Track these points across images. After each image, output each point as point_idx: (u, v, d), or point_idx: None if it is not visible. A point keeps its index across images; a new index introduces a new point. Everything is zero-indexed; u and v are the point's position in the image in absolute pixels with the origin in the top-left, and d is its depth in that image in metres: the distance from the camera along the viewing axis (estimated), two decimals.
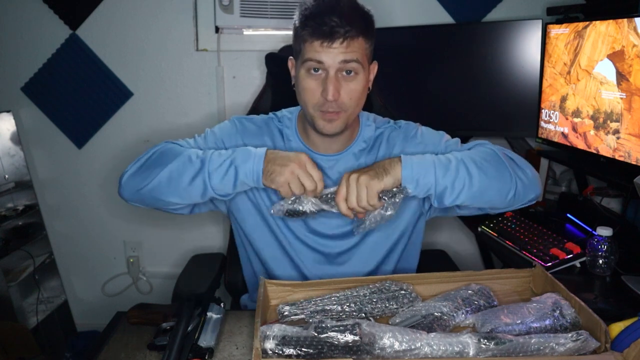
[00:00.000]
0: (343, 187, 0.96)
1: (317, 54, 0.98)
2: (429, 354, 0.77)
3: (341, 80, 1.01)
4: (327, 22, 0.96)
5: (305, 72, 1.02)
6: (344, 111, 1.03)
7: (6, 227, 1.91)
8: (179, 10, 1.93)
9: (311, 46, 0.99)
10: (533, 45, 1.75)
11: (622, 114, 1.42)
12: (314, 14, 0.98)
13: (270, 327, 0.80)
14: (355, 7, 1.02)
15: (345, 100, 1.02)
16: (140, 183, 1.03)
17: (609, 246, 1.25)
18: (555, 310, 0.87)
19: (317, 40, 0.97)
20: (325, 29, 0.96)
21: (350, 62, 0.99)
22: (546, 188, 1.89)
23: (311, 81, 1.01)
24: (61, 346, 2.08)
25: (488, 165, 1.02)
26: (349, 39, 0.97)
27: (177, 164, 1.02)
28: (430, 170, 0.98)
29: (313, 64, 1.00)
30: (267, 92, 1.56)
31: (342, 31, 0.96)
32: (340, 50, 0.98)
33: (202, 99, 2.02)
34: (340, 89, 1.00)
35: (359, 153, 1.13)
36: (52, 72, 1.98)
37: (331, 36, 0.96)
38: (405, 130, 1.17)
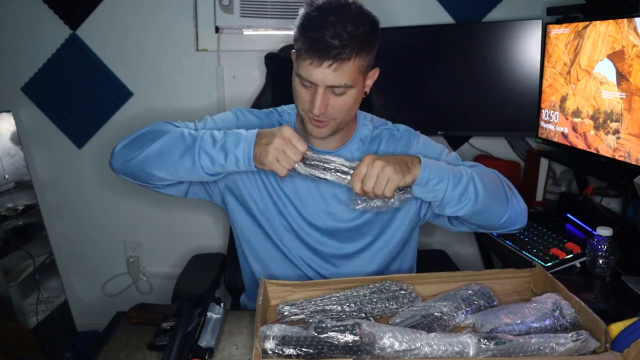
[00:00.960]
0: (364, 168, 0.95)
1: (307, 73, 0.97)
2: (429, 354, 0.77)
3: (330, 95, 1.00)
4: (321, 39, 0.94)
5: (298, 81, 1.01)
6: (333, 119, 1.03)
7: (6, 227, 1.91)
8: (179, 10, 1.93)
9: (303, 62, 0.98)
10: (533, 45, 1.75)
11: (622, 114, 1.42)
12: (313, 25, 0.95)
13: (270, 327, 0.80)
14: (359, 20, 0.97)
15: (333, 112, 1.02)
16: (131, 154, 1.05)
17: (609, 246, 1.25)
18: (555, 310, 0.87)
19: (309, 58, 0.96)
20: (317, 47, 0.94)
21: (337, 87, 0.98)
22: (546, 188, 1.89)
23: (302, 89, 1.02)
24: (61, 346, 2.08)
25: (493, 187, 1.05)
26: (339, 62, 0.95)
27: (170, 139, 1.02)
28: (444, 178, 0.99)
29: (305, 82, 0.99)
30: (267, 92, 1.56)
31: (333, 53, 0.94)
32: (328, 72, 0.96)
33: (202, 99, 2.02)
34: (329, 102, 1.00)
35: (357, 151, 1.14)
36: (52, 72, 1.98)
37: (321, 57, 0.94)
38: (406, 135, 1.17)
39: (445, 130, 1.94)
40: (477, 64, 1.84)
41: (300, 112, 1.06)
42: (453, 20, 1.95)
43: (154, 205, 2.12)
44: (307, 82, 0.99)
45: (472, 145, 2.07)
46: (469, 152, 2.08)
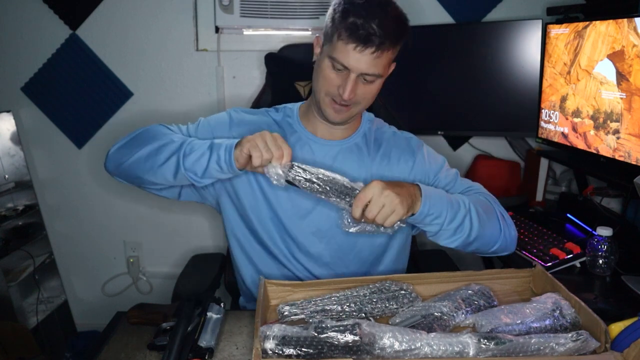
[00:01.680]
0: (370, 194, 0.94)
1: (346, 58, 0.99)
2: (429, 354, 0.77)
3: (360, 82, 1.03)
4: (366, 26, 0.96)
5: (329, 64, 1.03)
6: (355, 106, 1.06)
7: (6, 227, 1.91)
8: (179, 10, 1.93)
9: (344, 46, 0.99)
10: (533, 45, 1.75)
11: (622, 114, 1.42)
12: (358, 12, 0.98)
13: (270, 327, 0.80)
14: (398, 17, 1.03)
15: (359, 99, 1.05)
16: (123, 157, 1.06)
17: (609, 246, 1.25)
18: (555, 310, 0.87)
19: (352, 43, 0.98)
20: (362, 33, 0.96)
21: (370, 75, 1.01)
22: (546, 188, 1.89)
23: (332, 73, 1.03)
24: (61, 346, 2.08)
25: (487, 221, 1.07)
26: (380, 51, 0.98)
27: (159, 143, 1.03)
28: (442, 213, 1.01)
29: (338, 65, 1.01)
30: (267, 92, 1.56)
31: (377, 41, 0.97)
32: (368, 59, 0.99)
33: (202, 99, 2.02)
34: (357, 89, 1.03)
35: (361, 145, 1.15)
36: (52, 72, 1.98)
37: (365, 43, 0.97)
38: (409, 142, 1.19)
39: (445, 130, 1.94)
40: (477, 64, 1.84)
41: (321, 95, 1.06)
42: (453, 20, 1.95)
43: (154, 205, 2.12)
44: (341, 66, 1.01)
45: (472, 145, 2.07)
46: (469, 152, 2.08)
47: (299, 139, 1.15)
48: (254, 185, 1.13)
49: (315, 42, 1.09)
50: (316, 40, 1.09)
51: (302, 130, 1.16)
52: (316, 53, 1.09)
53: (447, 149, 2.08)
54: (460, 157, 2.08)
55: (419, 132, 1.24)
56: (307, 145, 1.14)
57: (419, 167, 1.16)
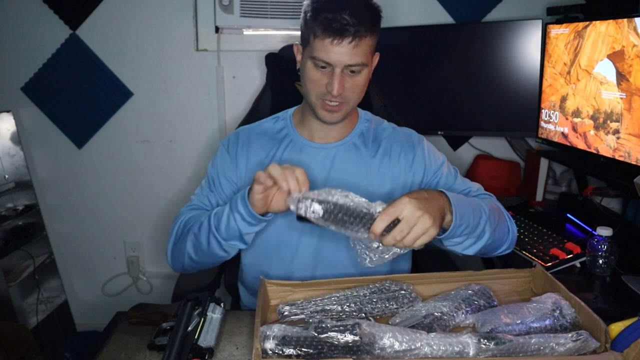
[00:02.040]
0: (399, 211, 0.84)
1: (326, 54, 0.99)
2: (429, 354, 0.77)
3: (346, 75, 1.02)
4: (339, 18, 0.96)
5: (312, 64, 1.03)
6: (346, 103, 1.06)
7: (6, 227, 1.91)
8: (179, 10, 1.93)
9: (321, 43, 0.99)
10: (533, 45, 1.75)
11: (622, 114, 1.42)
12: (327, 7, 0.98)
13: (270, 327, 0.80)
14: (367, 4, 1.02)
15: (349, 93, 1.04)
16: (180, 261, 1.11)
17: (609, 246, 1.25)
18: (555, 310, 0.87)
19: (328, 37, 0.98)
20: (335, 26, 0.96)
21: (354, 66, 1.01)
22: (546, 188, 1.89)
23: (317, 73, 1.03)
24: (61, 346, 2.08)
25: (499, 225, 1.06)
26: (357, 39, 0.98)
27: (194, 233, 1.06)
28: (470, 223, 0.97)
29: (320, 63, 1.01)
30: (267, 92, 1.56)
31: (352, 30, 0.97)
32: (347, 50, 0.98)
33: (202, 99, 2.02)
34: (345, 83, 1.02)
35: (359, 144, 1.15)
36: (52, 72, 1.98)
37: (341, 34, 0.97)
38: (409, 137, 1.18)
39: (445, 130, 1.94)
40: (477, 64, 1.84)
41: (312, 99, 1.06)
42: (453, 20, 1.95)
43: (154, 205, 2.12)
44: (324, 64, 1.00)
45: (472, 145, 2.07)
46: (469, 152, 2.08)
47: (294, 146, 1.15)
48: None
49: (296, 49, 1.09)
50: (296, 48, 1.09)
51: (297, 137, 1.15)
52: (298, 60, 1.09)
53: (447, 149, 2.08)
54: (460, 157, 2.08)
55: (419, 132, 1.23)
56: (303, 151, 1.14)
57: (419, 161, 1.15)
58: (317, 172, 1.13)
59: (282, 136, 1.16)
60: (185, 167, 2.09)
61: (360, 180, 1.13)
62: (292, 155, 1.14)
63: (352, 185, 1.12)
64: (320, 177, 1.13)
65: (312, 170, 1.12)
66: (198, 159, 2.07)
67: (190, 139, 2.06)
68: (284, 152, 1.15)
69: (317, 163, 1.13)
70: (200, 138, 2.06)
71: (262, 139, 1.17)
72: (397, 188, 1.15)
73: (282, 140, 1.16)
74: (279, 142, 1.16)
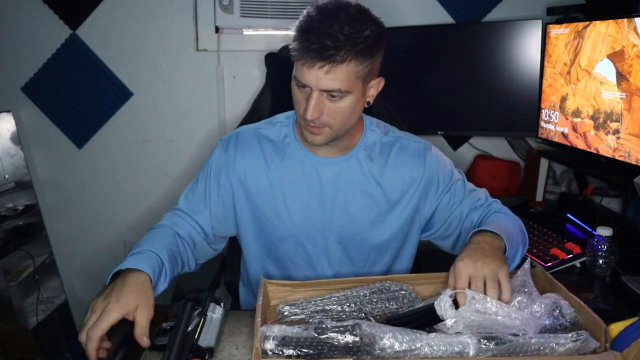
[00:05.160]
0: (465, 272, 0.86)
1: (301, 75, 0.95)
2: (429, 354, 0.77)
3: (325, 99, 0.97)
4: (315, 41, 0.90)
5: (294, 83, 1.00)
6: (329, 127, 1.00)
7: (6, 227, 1.91)
8: (179, 10, 1.93)
9: (297, 63, 0.96)
10: (533, 45, 1.75)
11: (622, 114, 1.42)
12: (308, 27, 0.92)
13: (270, 327, 0.80)
14: (357, 23, 0.92)
15: (328, 119, 0.99)
16: None
17: (609, 246, 1.25)
18: (555, 310, 0.87)
19: (301, 59, 0.94)
20: (312, 48, 0.91)
21: (331, 91, 0.95)
22: (546, 188, 1.89)
23: (299, 93, 0.99)
24: (61, 346, 2.08)
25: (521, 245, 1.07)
26: (331, 64, 0.91)
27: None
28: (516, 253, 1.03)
29: (300, 83, 0.97)
30: (267, 92, 1.56)
31: (325, 54, 0.90)
32: (320, 75, 0.93)
33: (202, 99, 2.02)
34: (323, 108, 0.97)
35: (364, 158, 1.11)
36: (52, 72, 1.98)
37: (313, 58, 0.91)
38: (416, 147, 1.15)
39: (445, 130, 1.94)
40: (477, 64, 1.84)
41: (298, 118, 1.04)
42: (453, 20, 1.95)
43: (154, 205, 2.12)
44: (302, 85, 0.97)
45: (472, 145, 2.07)
46: (469, 152, 2.08)
47: (296, 157, 1.11)
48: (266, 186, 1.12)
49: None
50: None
51: (299, 149, 1.11)
52: None
53: (447, 149, 2.08)
54: (460, 157, 2.08)
55: (419, 132, 1.23)
56: (306, 165, 1.10)
57: (429, 172, 1.13)
58: (320, 186, 1.10)
59: (285, 145, 1.12)
60: (185, 167, 2.09)
61: (367, 194, 1.11)
62: (294, 167, 1.10)
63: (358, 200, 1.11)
64: (324, 192, 1.10)
65: (314, 184, 1.10)
66: (198, 159, 2.07)
67: (190, 139, 2.06)
68: (286, 163, 1.10)
69: (321, 176, 1.10)
70: (200, 138, 2.06)
71: (264, 146, 1.12)
72: (406, 200, 1.13)
73: (284, 150, 1.11)
74: (282, 151, 1.11)
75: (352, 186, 1.10)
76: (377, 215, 1.12)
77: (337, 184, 1.10)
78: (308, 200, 1.10)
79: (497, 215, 1.11)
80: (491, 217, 1.11)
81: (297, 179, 1.10)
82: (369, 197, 1.11)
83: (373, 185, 1.11)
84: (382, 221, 1.12)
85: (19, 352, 1.74)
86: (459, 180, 1.17)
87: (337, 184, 1.10)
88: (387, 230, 1.13)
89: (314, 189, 1.10)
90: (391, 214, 1.13)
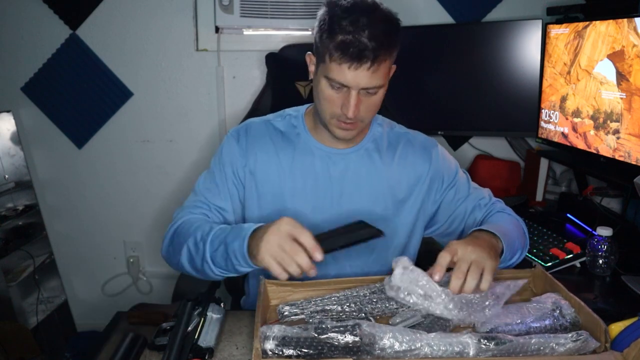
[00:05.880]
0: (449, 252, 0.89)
1: (343, 77, 0.95)
2: (429, 354, 0.77)
3: (362, 96, 0.99)
4: (356, 42, 0.91)
5: (327, 83, 0.99)
6: (361, 122, 1.04)
7: (6, 227, 1.91)
8: (179, 10, 1.93)
9: (338, 67, 0.95)
10: (533, 45, 1.75)
11: (622, 114, 1.42)
12: (345, 27, 0.93)
13: (270, 327, 0.80)
14: (387, 20, 0.96)
15: (364, 113, 1.02)
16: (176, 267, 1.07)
17: (609, 246, 1.25)
18: (555, 310, 0.87)
19: (345, 62, 0.94)
20: (353, 51, 0.92)
21: (371, 88, 0.98)
22: (546, 188, 1.89)
23: (332, 93, 0.99)
24: (61, 346, 2.08)
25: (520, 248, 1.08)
26: (376, 64, 0.94)
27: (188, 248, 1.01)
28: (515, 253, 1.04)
29: (336, 84, 0.97)
30: (267, 92, 1.56)
31: (371, 56, 0.92)
32: (366, 74, 0.95)
33: (202, 99, 2.02)
34: (361, 105, 0.99)
35: (373, 150, 1.13)
36: (52, 72, 1.98)
37: (359, 60, 0.93)
38: (423, 143, 1.17)
39: (445, 130, 1.94)
40: (477, 64, 1.84)
41: (326, 117, 1.03)
42: (453, 20, 1.95)
43: (154, 205, 2.12)
44: (339, 85, 0.97)
45: (472, 145, 2.07)
46: (469, 152, 2.08)
47: (306, 148, 1.11)
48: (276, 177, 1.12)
49: (308, 60, 1.06)
50: (309, 58, 1.05)
51: (309, 140, 1.12)
52: (311, 71, 1.06)
53: (447, 149, 2.08)
54: (460, 157, 2.08)
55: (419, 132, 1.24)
56: (316, 156, 1.11)
57: (435, 168, 1.15)
58: (329, 177, 1.11)
59: (295, 137, 1.13)
60: (185, 167, 2.09)
61: (375, 187, 1.11)
62: (304, 158, 1.11)
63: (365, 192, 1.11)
64: (332, 183, 1.11)
65: (324, 175, 1.10)
66: (198, 159, 2.07)
67: (190, 139, 2.06)
68: (295, 153, 1.11)
69: (330, 168, 1.11)
70: (200, 138, 2.06)
71: (274, 137, 1.13)
72: (412, 195, 1.14)
73: (294, 141, 1.12)
74: (292, 142, 1.12)
75: (360, 178, 1.11)
76: (384, 208, 1.13)
77: (345, 175, 1.11)
78: (317, 191, 1.11)
79: (499, 216, 1.12)
80: (494, 216, 1.12)
81: (307, 170, 1.11)
82: (376, 190, 1.12)
83: (381, 178, 1.12)
84: (389, 214, 1.13)
85: (19, 352, 1.74)
86: (463, 178, 1.18)
87: (346, 175, 1.11)
88: (393, 223, 1.14)
89: (323, 180, 1.11)
90: (397, 209, 1.13)
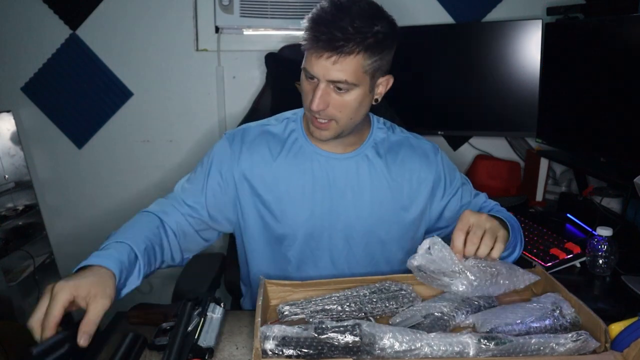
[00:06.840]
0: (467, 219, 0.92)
1: (309, 65, 0.97)
2: (429, 354, 0.77)
3: (332, 92, 0.98)
4: (325, 32, 0.92)
5: (303, 75, 1.01)
6: (335, 121, 1.01)
7: (6, 227, 1.91)
8: (179, 10, 1.93)
9: (307, 53, 0.97)
10: (533, 45, 1.75)
11: None
12: (319, 19, 0.94)
13: (270, 327, 0.80)
14: (369, 18, 0.94)
15: (334, 112, 0.99)
16: None
17: (609, 246, 1.25)
18: (555, 310, 0.87)
19: (310, 49, 0.95)
20: (322, 38, 0.92)
21: (338, 83, 0.96)
22: (546, 188, 1.89)
23: (307, 85, 1.00)
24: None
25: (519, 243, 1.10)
26: (338, 55, 0.93)
27: None
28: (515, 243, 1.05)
29: (308, 74, 0.98)
30: (267, 92, 1.56)
31: (333, 45, 0.92)
32: (327, 65, 0.94)
33: (202, 99, 2.02)
34: (330, 100, 0.98)
35: (373, 156, 1.12)
36: (52, 72, 1.98)
37: (321, 49, 0.93)
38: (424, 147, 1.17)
39: (445, 130, 1.94)
40: (477, 64, 1.84)
41: (306, 112, 1.04)
42: (453, 20, 1.95)
43: None
44: (310, 76, 0.98)
45: (472, 145, 2.07)
46: (469, 152, 2.08)
47: (303, 152, 1.11)
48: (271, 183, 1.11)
49: None
50: None
51: (307, 144, 1.11)
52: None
53: (447, 149, 2.09)
54: (460, 157, 2.08)
55: (419, 132, 1.23)
56: (314, 161, 1.10)
57: (437, 174, 1.15)
58: (328, 182, 1.10)
59: (292, 141, 1.12)
60: (185, 167, 2.08)
61: (375, 193, 1.11)
62: (301, 163, 1.10)
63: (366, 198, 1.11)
64: (331, 189, 1.10)
65: (322, 180, 1.10)
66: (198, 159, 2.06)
67: (190, 139, 2.06)
68: (293, 158, 1.10)
69: (329, 173, 1.10)
70: (200, 138, 2.06)
71: (271, 142, 1.12)
72: (414, 201, 1.14)
73: (291, 145, 1.11)
74: (288, 146, 1.11)
75: (361, 183, 1.11)
76: (385, 214, 1.12)
77: (345, 180, 1.10)
78: (315, 196, 1.10)
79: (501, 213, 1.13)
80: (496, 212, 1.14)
81: (305, 175, 1.10)
82: (377, 195, 1.11)
83: (382, 183, 1.11)
84: (390, 220, 1.13)
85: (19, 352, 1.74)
86: (465, 184, 1.19)
87: (346, 180, 1.10)
88: (394, 229, 1.14)
89: (321, 185, 1.10)
90: (399, 214, 1.13)
